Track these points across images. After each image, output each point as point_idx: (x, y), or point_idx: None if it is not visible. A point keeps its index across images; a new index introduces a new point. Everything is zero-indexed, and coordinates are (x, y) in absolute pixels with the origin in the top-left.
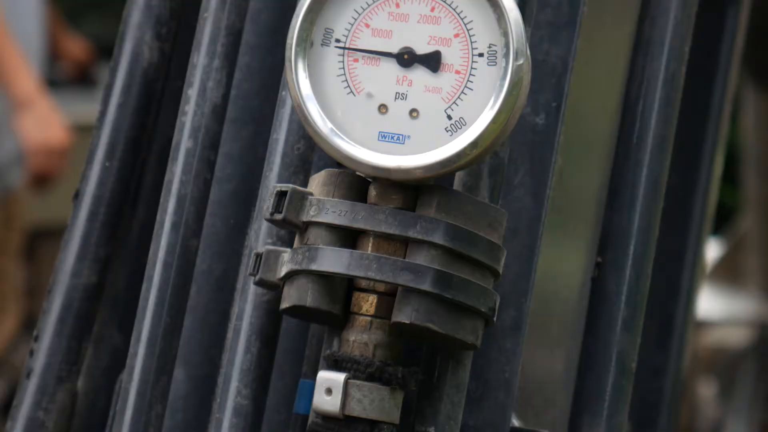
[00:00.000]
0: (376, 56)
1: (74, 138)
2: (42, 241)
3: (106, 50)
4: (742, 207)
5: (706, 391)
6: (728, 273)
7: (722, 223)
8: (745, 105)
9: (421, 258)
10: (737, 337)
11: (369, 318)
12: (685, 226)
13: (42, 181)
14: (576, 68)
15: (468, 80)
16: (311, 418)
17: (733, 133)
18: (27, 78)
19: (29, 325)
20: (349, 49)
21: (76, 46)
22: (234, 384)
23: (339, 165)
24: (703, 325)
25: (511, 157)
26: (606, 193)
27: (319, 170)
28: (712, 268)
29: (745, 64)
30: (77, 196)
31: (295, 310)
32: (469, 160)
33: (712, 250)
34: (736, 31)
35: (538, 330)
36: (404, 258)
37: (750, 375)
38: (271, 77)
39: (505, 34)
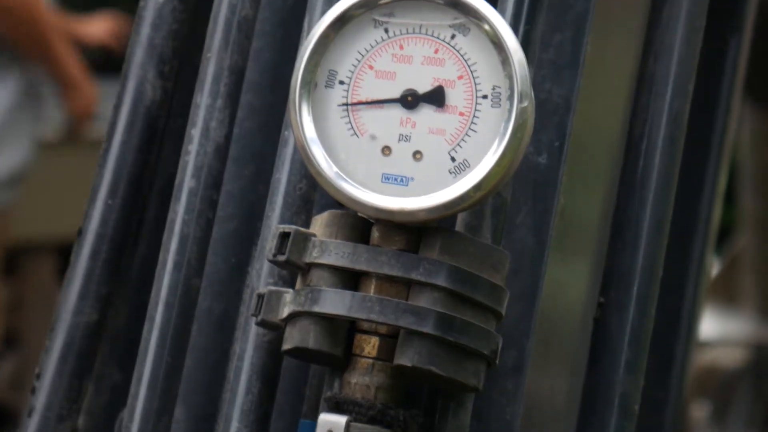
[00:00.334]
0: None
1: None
2: (24, 257)
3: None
4: (738, 225)
5: (700, 412)
6: (724, 292)
7: (718, 242)
8: (741, 123)
9: (423, 300)
10: (732, 357)
11: (371, 360)
12: (686, 258)
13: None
14: (578, 105)
15: (472, 122)
16: None
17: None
18: (74, 63)
19: (10, 341)
20: (352, 104)
21: (97, 29)
22: (234, 424)
23: (341, 205)
24: (697, 345)
25: (513, 196)
26: (608, 228)
27: (321, 210)
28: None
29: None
30: (80, 233)
31: (297, 352)
32: (472, 202)
33: (713, 267)
34: (738, 61)
35: (538, 362)
36: (407, 300)
37: (745, 397)
38: (273, 116)
39: (510, 76)
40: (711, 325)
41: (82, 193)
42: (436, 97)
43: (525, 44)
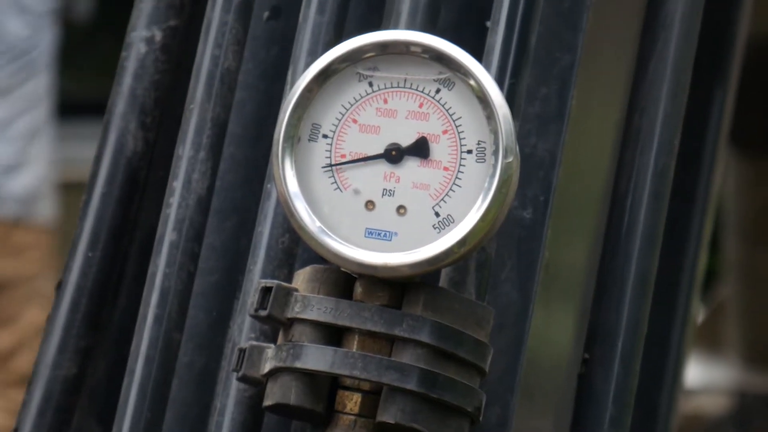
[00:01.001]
0: (364, 154)
1: None
2: None
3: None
4: (722, 272)
5: None
6: (708, 339)
7: (702, 289)
8: (726, 171)
9: (406, 356)
10: (715, 404)
11: (353, 417)
12: (671, 309)
13: None
14: (564, 159)
15: (456, 177)
16: None
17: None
18: None
19: None
20: (336, 165)
21: None
22: None
23: (324, 260)
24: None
25: (498, 251)
26: (593, 283)
27: (303, 264)
28: None
29: None
30: (59, 286)
31: (279, 408)
32: (456, 258)
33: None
34: (723, 112)
35: (522, 418)
36: (390, 356)
37: None
38: (256, 169)
39: (495, 131)
40: (695, 372)
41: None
42: (421, 149)
43: (510, 98)
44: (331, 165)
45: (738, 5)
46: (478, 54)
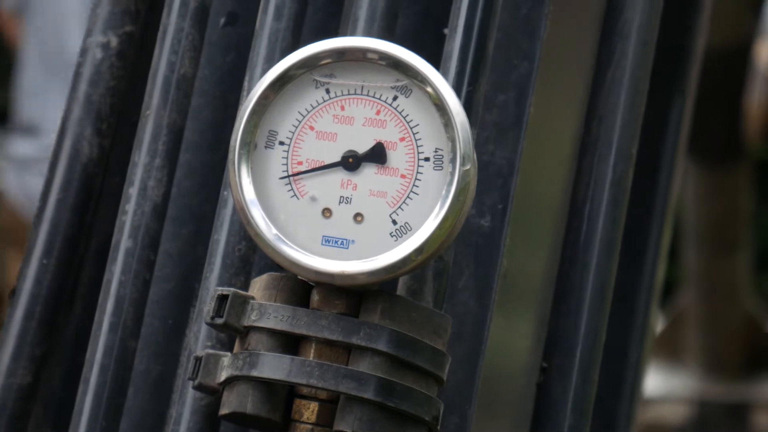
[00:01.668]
0: (321, 161)
1: None
2: None
3: None
4: (682, 282)
5: None
6: (668, 348)
7: (662, 298)
8: (685, 180)
9: (364, 365)
10: (676, 413)
11: (310, 426)
12: (630, 319)
13: None
14: (522, 167)
15: (414, 185)
16: None
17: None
18: None
19: None
20: (293, 175)
21: None
22: None
23: (281, 268)
24: (641, 404)
25: (455, 260)
26: (552, 291)
27: (260, 271)
28: None
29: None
30: (14, 293)
31: (235, 416)
32: (414, 266)
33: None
34: (682, 122)
35: (480, 427)
36: (347, 365)
37: None
38: (212, 175)
39: (452, 139)
40: (655, 381)
41: None
42: (377, 155)
43: (468, 105)
44: (288, 176)
45: (696, 15)
46: (436, 61)
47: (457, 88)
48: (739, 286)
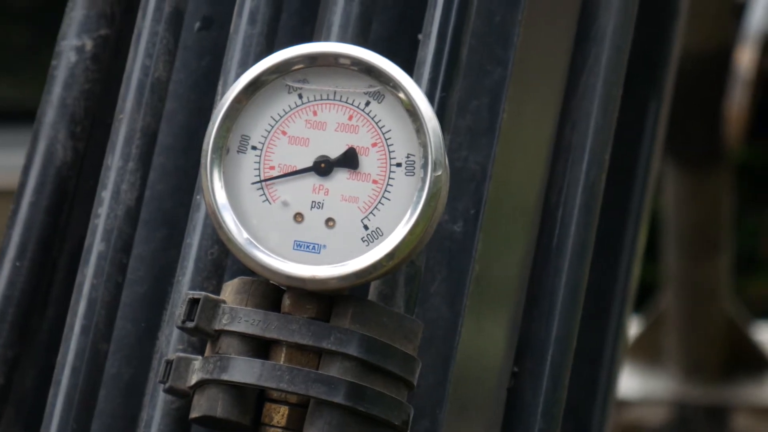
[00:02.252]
0: (294, 166)
1: None
2: None
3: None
4: (661, 284)
5: None
6: (647, 351)
7: (641, 300)
8: (665, 182)
9: (334, 370)
10: (655, 416)
11: (280, 430)
12: (604, 322)
13: None
14: (495, 172)
15: (385, 190)
16: None
17: (653, 209)
18: None
19: None
20: (265, 180)
21: None
22: None
23: (253, 272)
24: (620, 403)
25: (427, 265)
26: (524, 293)
27: (233, 275)
28: (631, 345)
29: (665, 142)
30: None
31: (205, 420)
32: (385, 271)
33: (631, 328)
34: (657, 126)
35: (452, 423)
36: (317, 369)
37: None
38: (186, 179)
39: (424, 145)
40: (634, 383)
41: None
42: (350, 160)
43: (441, 111)
44: (260, 181)
45: (672, 20)
46: (410, 67)
47: (430, 94)
48: (720, 289)
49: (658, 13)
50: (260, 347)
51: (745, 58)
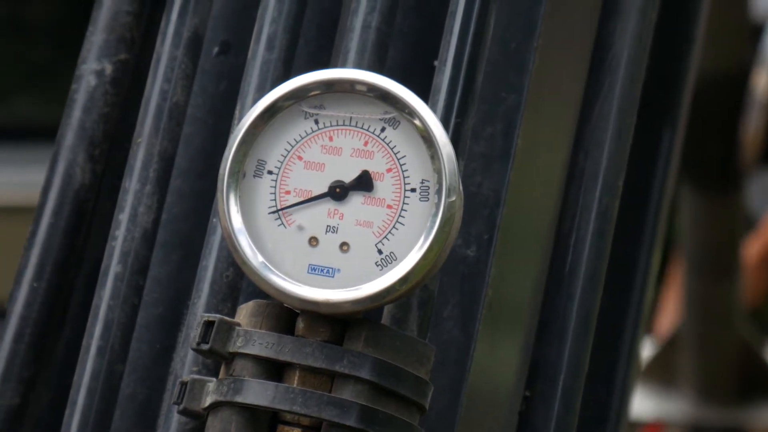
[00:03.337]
0: (309, 190)
1: None
2: None
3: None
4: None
5: None
6: (662, 372)
7: (657, 321)
8: (681, 204)
9: (347, 393)
10: None
11: None
12: (616, 346)
13: None
14: (509, 198)
15: (399, 215)
16: None
17: (669, 231)
18: None
19: None
20: (281, 209)
21: None
22: None
23: (268, 295)
24: (635, 425)
25: (441, 289)
26: (537, 319)
27: (247, 298)
28: (645, 367)
29: (682, 164)
30: (4, 316)
31: None
32: (398, 295)
33: (647, 349)
34: (671, 152)
35: None
36: (330, 392)
37: None
38: (202, 202)
39: (438, 171)
40: (649, 405)
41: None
42: (364, 183)
43: (456, 137)
44: (277, 210)
45: (688, 46)
46: (425, 93)
47: (445, 121)
48: (734, 311)
49: (674, 39)
50: (274, 370)
51: (762, 81)
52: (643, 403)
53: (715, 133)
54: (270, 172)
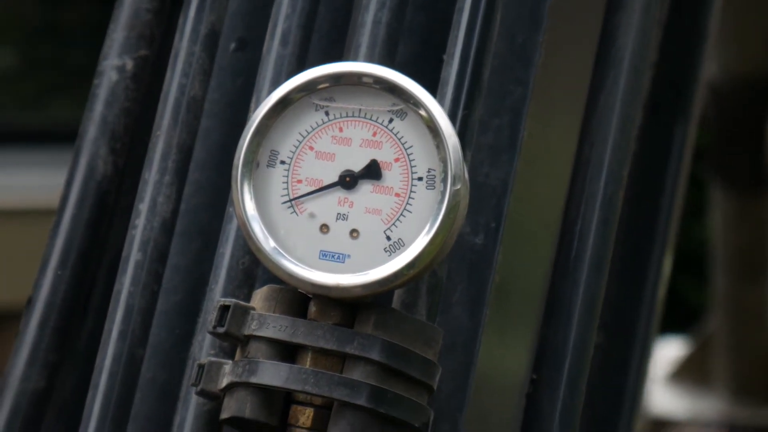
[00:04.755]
0: (320, 179)
1: None
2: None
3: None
4: (710, 306)
5: None
6: (695, 373)
7: (690, 322)
8: (713, 205)
9: (357, 373)
10: None
11: (305, 430)
12: (630, 340)
13: None
14: (516, 188)
15: (407, 203)
16: None
17: (702, 232)
18: None
19: None
20: (294, 199)
21: None
22: None
23: (281, 280)
24: (669, 424)
25: (449, 275)
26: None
27: (264, 284)
28: (678, 368)
29: (712, 165)
30: (30, 302)
31: (234, 421)
32: (406, 280)
33: (679, 349)
34: (684, 149)
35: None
36: (341, 373)
37: None
38: (220, 193)
39: (444, 160)
40: (682, 405)
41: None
42: (373, 172)
43: (463, 129)
44: (290, 200)
45: (700, 44)
46: (434, 86)
47: (452, 112)
48: (767, 311)
49: (685, 36)
50: (287, 352)
51: None
52: (677, 402)
53: (744, 135)
54: (282, 162)
